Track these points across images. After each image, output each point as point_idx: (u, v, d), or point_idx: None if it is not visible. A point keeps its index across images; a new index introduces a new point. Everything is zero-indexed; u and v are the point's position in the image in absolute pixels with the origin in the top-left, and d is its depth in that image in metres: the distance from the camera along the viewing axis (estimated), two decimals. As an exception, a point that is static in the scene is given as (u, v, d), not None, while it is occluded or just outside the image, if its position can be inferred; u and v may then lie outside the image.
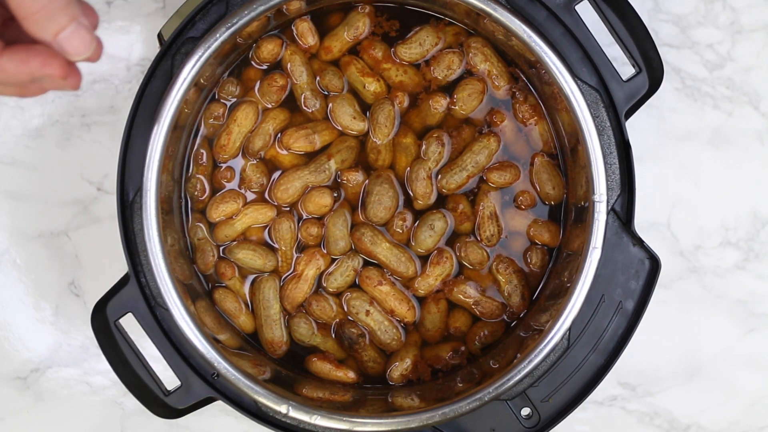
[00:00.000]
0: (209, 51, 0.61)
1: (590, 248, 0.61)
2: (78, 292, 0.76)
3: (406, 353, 0.67)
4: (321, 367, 0.67)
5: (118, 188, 0.63)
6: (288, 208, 0.67)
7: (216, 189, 0.68)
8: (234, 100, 0.67)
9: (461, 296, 0.67)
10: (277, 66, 0.67)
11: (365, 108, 0.67)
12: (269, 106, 0.67)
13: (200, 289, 0.67)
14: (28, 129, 0.74)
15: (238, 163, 0.67)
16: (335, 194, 0.67)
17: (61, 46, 0.43)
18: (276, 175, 0.67)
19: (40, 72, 0.45)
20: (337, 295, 0.67)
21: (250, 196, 0.67)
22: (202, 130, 0.67)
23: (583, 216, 0.63)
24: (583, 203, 0.63)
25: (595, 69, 0.64)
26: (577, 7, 0.63)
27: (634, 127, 0.72)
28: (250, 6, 0.61)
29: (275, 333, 0.67)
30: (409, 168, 0.67)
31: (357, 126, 0.67)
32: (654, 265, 0.63)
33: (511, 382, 0.61)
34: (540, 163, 0.67)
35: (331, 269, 0.67)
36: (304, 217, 0.67)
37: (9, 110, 0.74)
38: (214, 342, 0.61)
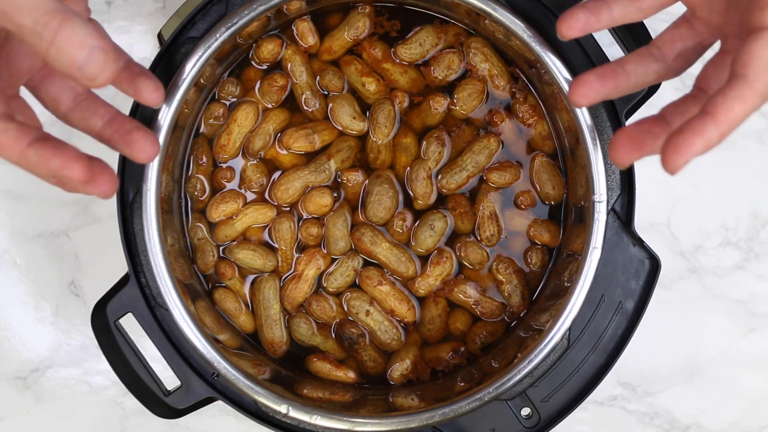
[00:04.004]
0: (209, 51, 0.61)
1: (590, 248, 0.61)
2: (78, 292, 0.76)
3: (406, 353, 0.67)
4: (321, 367, 0.67)
5: (118, 188, 0.63)
6: (288, 208, 0.67)
7: (216, 189, 0.68)
8: (234, 100, 0.67)
9: (461, 296, 0.67)
10: (277, 66, 0.67)
11: (365, 108, 0.67)
12: (269, 106, 0.67)
13: (200, 289, 0.67)
14: (28, 129, 0.74)
15: (238, 163, 0.67)
16: (335, 194, 0.67)
17: (82, 74, 0.43)
18: (276, 175, 0.67)
19: (59, 172, 0.46)
20: (337, 295, 0.67)
21: (250, 196, 0.67)
22: (202, 130, 0.67)
23: (583, 216, 0.63)
24: (583, 203, 0.63)
25: (595, 69, 0.63)
26: (577, 7, 0.63)
27: (634, 127, 0.72)
28: (250, 6, 0.61)
29: (275, 333, 0.67)
30: (409, 168, 0.67)
31: (357, 126, 0.67)
32: (654, 265, 0.63)
33: (511, 382, 0.61)
34: (540, 163, 0.67)
35: (331, 269, 0.67)
36: (304, 217, 0.67)
37: (9, 110, 0.74)
38: (214, 342, 0.61)
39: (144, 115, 0.62)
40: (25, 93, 0.51)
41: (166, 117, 0.60)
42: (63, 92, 0.51)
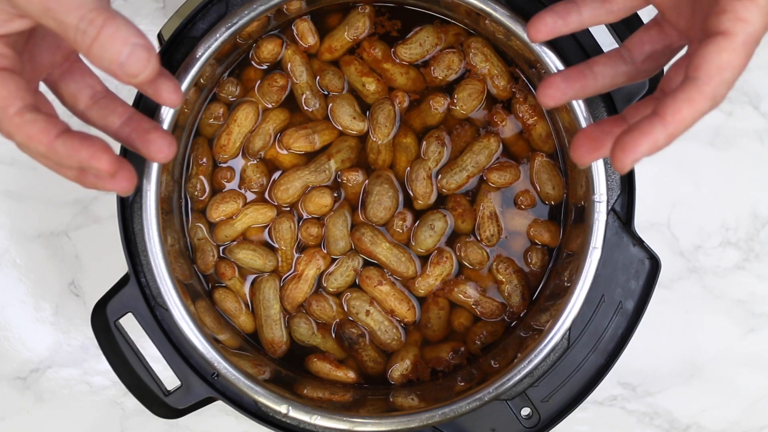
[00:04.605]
0: (209, 51, 0.61)
1: (590, 248, 0.61)
2: (78, 292, 0.76)
3: (406, 353, 0.67)
4: (321, 367, 0.67)
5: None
6: (288, 208, 0.67)
7: (216, 189, 0.68)
8: (234, 100, 0.67)
9: (461, 296, 0.67)
10: (277, 66, 0.67)
11: (365, 108, 0.67)
12: (269, 106, 0.67)
13: (200, 289, 0.67)
14: (28, 129, 0.74)
15: (238, 163, 0.67)
16: (335, 194, 0.67)
17: (123, 71, 0.44)
18: (276, 175, 0.67)
19: (87, 163, 0.46)
20: (337, 295, 0.67)
21: (250, 196, 0.67)
22: (202, 130, 0.67)
23: (583, 216, 0.63)
24: (583, 203, 0.63)
25: (595, 69, 0.63)
26: (577, 7, 0.63)
27: (634, 127, 0.72)
28: (250, 6, 0.61)
29: (275, 333, 0.67)
30: (409, 168, 0.67)
31: (357, 126, 0.67)
32: (654, 265, 0.63)
33: (511, 382, 0.61)
34: (540, 163, 0.67)
35: (331, 269, 0.67)
36: (304, 217, 0.67)
37: (9, 110, 0.74)
38: (214, 342, 0.61)
39: (145, 113, 0.62)
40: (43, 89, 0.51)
41: (166, 117, 0.60)
42: (82, 89, 0.51)
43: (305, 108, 0.67)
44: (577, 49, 0.63)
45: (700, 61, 0.44)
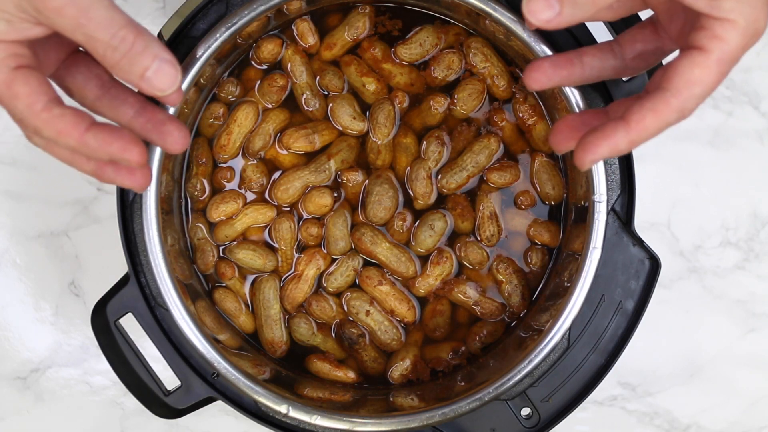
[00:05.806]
0: (209, 51, 0.61)
1: (590, 248, 0.61)
2: (78, 292, 0.76)
3: (406, 353, 0.67)
4: (321, 367, 0.67)
5: (118, 188, 0.63)
6: (288, 208, 0.67)
7: (216, 189, 0.68)
8: (234, 100, 0.67)
9: (461, 296, 0.67)
10: (277, 66, 0.67)
11: (365, 108, 0.67)
12: (269, 106, 0.67)
13: (200, 289, 0.67)
14: (28, 129, 0.74)
15: (238, 163, 0.67)
16: (335, 194, 0.67)
17: (150, 85, 0.45)
18: (276, 175, 0.67)
19: (119, 155, 0.47)
20: (337, 295, 0.67)
21: (250, 196, 0.67)
22: (202, 130, 0.67)
23: (583, 216, 0.63)
24: (583, 203, 0.63)
25: (595, 69, 0.63)
26: (577, 7, 0.63)
27: (634, 127, 0.72)
28: (250, 6, 0.61)
29: (275, 333, 0.67)
30: (409, 168, 0.67)
31: (357, 126, 0.67)
32: (654, 265, 0.63)
33: (511, 382, 0.61)
34: (540, 163, 0.67)
35: (331, 269, 0.67)
36: (304, 217, 0.67)
37: (9, 110, 0.74)
38: (214, 342, 0.61)
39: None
40: None
41: (166, 117, 0.60)
42: (89, 79, 0.52)
43: (305, 108, 0.67)
44: (575, 46, 0.63)
45: (672, 74, 0.44)
